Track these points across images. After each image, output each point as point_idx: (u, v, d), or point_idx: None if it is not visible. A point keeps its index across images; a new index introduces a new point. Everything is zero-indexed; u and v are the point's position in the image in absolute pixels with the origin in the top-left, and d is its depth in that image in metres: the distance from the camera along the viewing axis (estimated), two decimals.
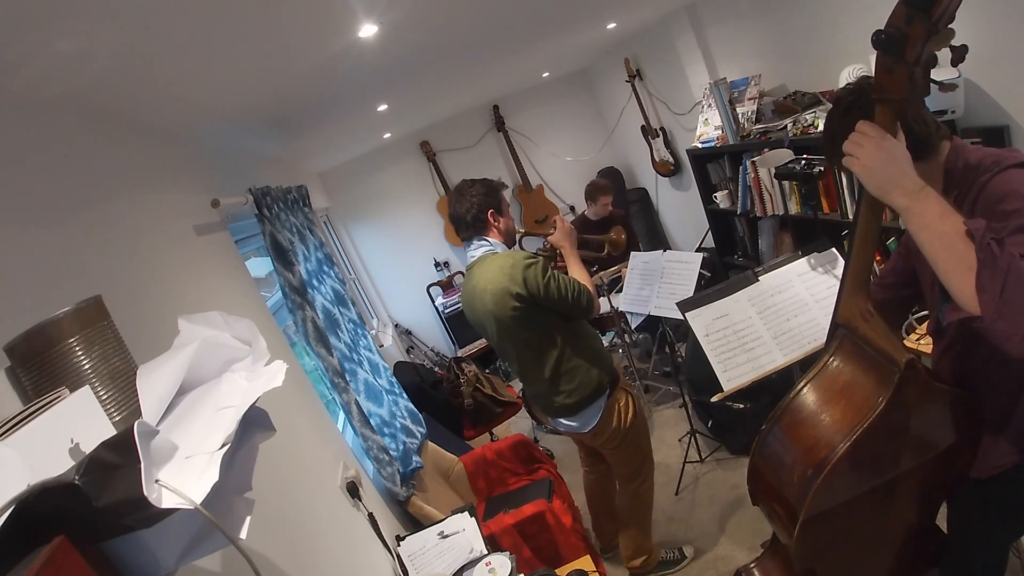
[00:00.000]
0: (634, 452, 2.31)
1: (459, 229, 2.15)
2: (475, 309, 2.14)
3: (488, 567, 1.74)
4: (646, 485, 2.40)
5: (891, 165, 0.99)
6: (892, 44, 0.93)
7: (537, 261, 1.99)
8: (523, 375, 2.21)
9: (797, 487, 1.17)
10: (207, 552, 0.66)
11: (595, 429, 2.18)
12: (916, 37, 0.91)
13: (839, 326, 1.24)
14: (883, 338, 1.11)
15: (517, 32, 2.75)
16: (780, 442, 1.27)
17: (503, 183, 2.23)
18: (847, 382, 1.19)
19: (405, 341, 5.41)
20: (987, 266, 0.86)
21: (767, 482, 1.31)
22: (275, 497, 1.36)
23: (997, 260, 0.85)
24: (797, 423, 1.23)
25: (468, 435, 3.48)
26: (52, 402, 0.62)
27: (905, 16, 0.91)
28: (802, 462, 1.18)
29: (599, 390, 2.13)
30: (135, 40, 1.09)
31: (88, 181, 1.17)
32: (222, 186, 2.10)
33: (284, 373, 0.72)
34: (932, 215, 0.94)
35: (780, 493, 1.25)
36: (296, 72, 1.82)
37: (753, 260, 3.84)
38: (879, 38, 0.94)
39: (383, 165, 5.34)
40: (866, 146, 1.01)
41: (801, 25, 3.06)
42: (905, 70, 0.94)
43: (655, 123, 4.82)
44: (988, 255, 0.86)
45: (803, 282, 2.10)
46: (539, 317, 2.02)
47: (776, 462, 1.27)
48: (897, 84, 0.97)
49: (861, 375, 1.16)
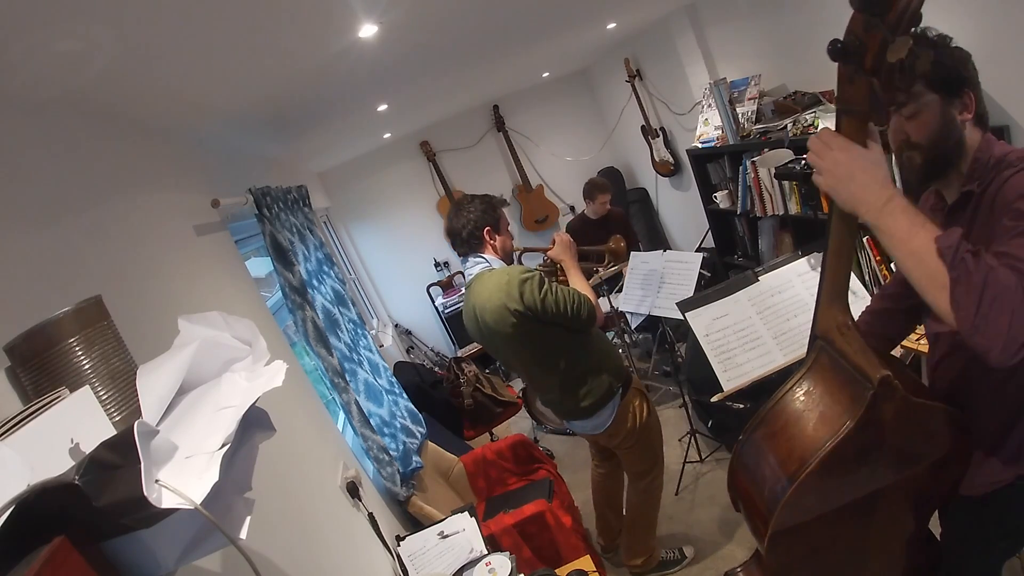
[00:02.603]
0: (647, 450, 2.32)
1: (455, 244, 2.14)
2: (478, 328, 2.12)
3: (488, 567, 1.74)
4: (656, 483, 2.41)
5: (851, 180, 0.94)
6: (848, 52, 0.88)
7: (533, 276, 1.96)
8: (534, 386, 2.24)
9: (768, 500, 1.14)
10: (207, 552, 0.66)
11: (610, 430, 2.18)
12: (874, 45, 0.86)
13: (817, 337, 1.19)
14: (858, 353, 1.07)
15: (517, 32, 2.75)
16: (755, 452, 1.24)
17: (504, 200, 2.21)
18: (822, 396, 1.15)
19: (405, 341, 5.41)
20: (961, 283, 0.83)
21: (745, 490, 1.28)
22: (275, 497, 1.36)
23: (971, 276, 0.83)
24: (772, 434, 1.20)
25: (468, 435, 3.48)
26: (52, 402, 0.62)
27: (863, 23, 0.86)
28: (772, 476, 1.15)
29: (610, 393, 2.13)
30: (135, 40, 1.10)
31: (88, 181, 1.17)
32: (222, 186, 2.10)
33: (284, 373, 0.72)
34: (900, 231, 0.90)
35: (755, 503, 1.22)
36: (296, 72, 1.82)
37: (753, 260, 3.84)
38: (836, 47, 0.89)
39: (383, 165, 5.34)
40: (826, 160, 0.96)
41: (801, 25, 3.06)
42: (865, 80, 0.90)
43: (655, 123, 4.82)
44: (962, 271, 0.83)
45: (803, 282, 2.10)
46: (540, 331, 2.00)
47: (751, 471, 1.24)
48: (859, 95, 0.92)
49: (836, 390, 1.12)
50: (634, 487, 2.43)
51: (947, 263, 0.85)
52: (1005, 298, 0.81)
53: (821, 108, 2.94)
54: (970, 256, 0.84)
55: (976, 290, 0.82)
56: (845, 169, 0.95)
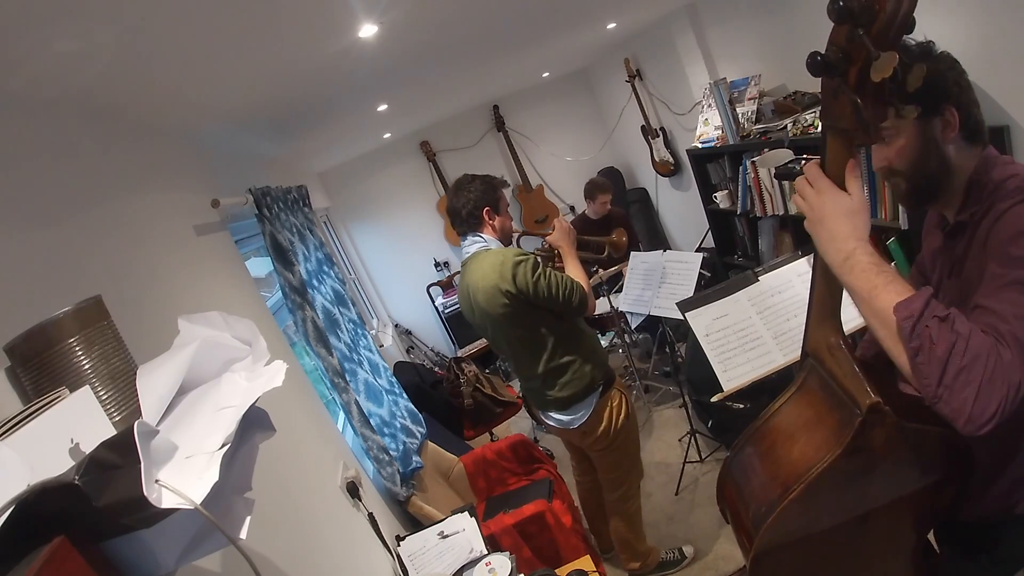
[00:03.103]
0: (621, 457, 2.29)
1: (454, 223, 2.15)
2: (469, 306, 2.16)
3: (488, 567, 1.74)
4: (631, 495, 2.38)
5: (822, 226, 0.91)
6: (829, 66, 0.81)
7: (527, 259, 1.98)
8: (517, 369, 2.24)
9: (753, 519, 1.11)
10: (207, 552, 0.66)
11: (584, 426, 2.17)
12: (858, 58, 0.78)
13: (808, 355, 1.14)
14: (847, 376, 1.01)
15: (517, 32, 2.75)
16: (743, 469, 1.21)
17: (504, 180, 2.22)
18: (811, 418, 1.10)
19: (405, 341, 5.41)
20: (923, 352, 0.78)
21: (733, 504, 1.24)
22: (275, 497, 1.36)
23: (934, 347, 0.77)
24: (760, 454, 1.16)
25: (468, 435, 3.48)
26: (52, 402, 0.62)
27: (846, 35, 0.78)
28: (757, 497, 1.11)
29: (592, 386, 2.13)
30: (135, 40, 1.09)
31: (88, 181, 1.17)
32: (222, 186, 2.10)
33: (284, 373, 0.72)
34: (860, 290, 0.86)
35: (741, 520, 1.19)
36: (296, 72, 1.82)
37: (753, 260, 3.84)
38: (815, 60, 0.82)
39: (383, 165, 5.34)
40: (807, 199, 0.94)
41: (801, 25, 3.06)
42: (848, 97, 0.82)
43: (655, 123, 4.82)
44: (924, 341, 0.78)
45: (803, 282, 2.10)
46: (530, 314, 2.02)
47: (739, 488, 1.21)
48: (844, 112, 0.84)
49: (825, 412, 1.07)
50: (609, 498, 2.39)
51: (904, 336, 0.80)
52: (974, 368, 0.76)
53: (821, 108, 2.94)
54: (936, 323, 0.78)
55: (939, 362, 0.77)
56: (818, 213, 0.93)
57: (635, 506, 2.41)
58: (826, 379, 1.08)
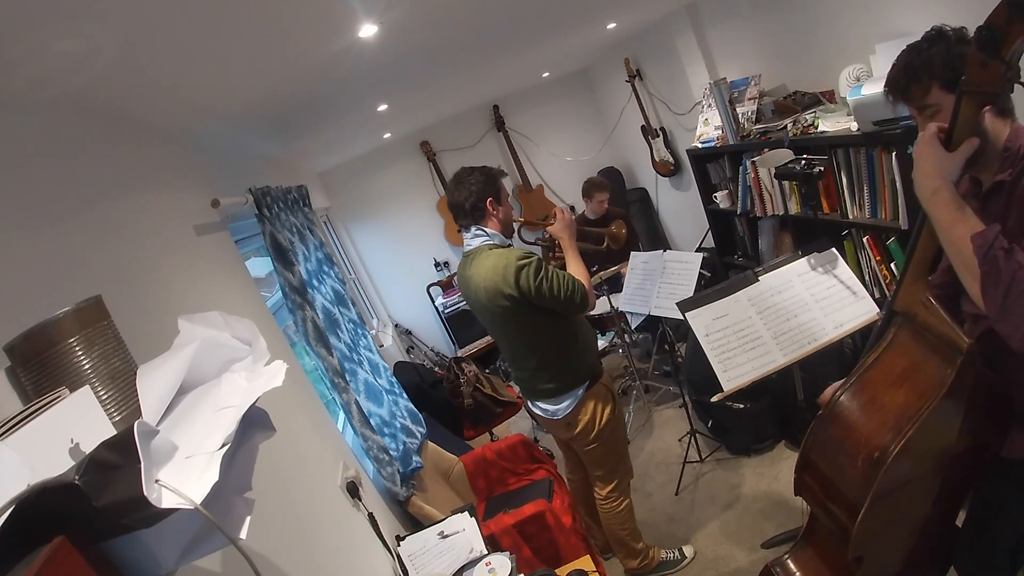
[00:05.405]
0: (608, 452, 2.29)
1: (457, 217, 2.15)
2: (470, 296, 2.20)
3: (488, 567, 1.74)
4: (619, 494, 2.38)
5: (918, 169, 1.10)
6: (993, 40, 0.99)
7: (531, 261, 1.98)
8: (511, 359, 2.29)
9: (862, 471, 1.22)
10: (207, 552, 0.66)
11: (568, 418, 2.19)
12: (1015, 36, 0.97)
13: (896, 313, 1.30)
14: (944, 324, 1.18)
15: (517, 32, 2.75)
16: (838, 429, 1.31)
17: (502, 170, 2.22)
18: (907, 367, 1.24)
19: (405, 341, 5.41)
20: (990, 277, 0.96)
21: (821, 471, 1.35)
22: (275, 497, 1.36)
23: (1000, 273, 0.94)
24: (857, 409, 1.29)
25: (468, 435, 3.48)
26: (52, 402, 0.62)
27: (1007, 16, 0.97)
28: (867, 446, 1.23)
29: (579, 380, 2.16)
30: (135, 40, 1.09)
31: (88, 181, 1.17)
32: (222, 186, 2.10)
33: (284, 373, 0.72)
34: (943, 220, 1.05)
35: (839, 479, 1.30)
36: (296, 72, 1.82)
37: (753, 260, 3.84)
38: (981, 35, 0.99)
39: (383, 165, 5.34)
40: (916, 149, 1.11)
41: (801, 25, 3.06)
42: (999, 66, 1.00)
43: (655, 123, 4.82)
44: (992, 267, 0.95)
45: (803, 282, 2.10)
46: (530, 314, 2.05)
47: (834, 449, 1.32)
48: (991, 78, 1.02)
49: (922, 360, 1.22)
50: (598, 496, 2.40)
51: (979, 259, 0.97)
52: None
53: (821, 108, 2.94)
54: (1002, 253, 0.95)
55: (1003, 285, 0.94)
56: (918, 159, 1.11)
57: (625, 504, 2.41)
58: (920, 331, 1.24)
